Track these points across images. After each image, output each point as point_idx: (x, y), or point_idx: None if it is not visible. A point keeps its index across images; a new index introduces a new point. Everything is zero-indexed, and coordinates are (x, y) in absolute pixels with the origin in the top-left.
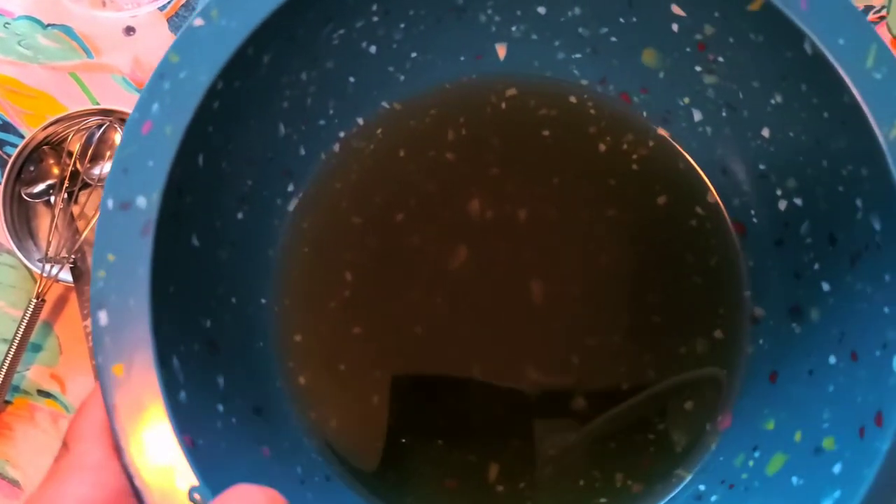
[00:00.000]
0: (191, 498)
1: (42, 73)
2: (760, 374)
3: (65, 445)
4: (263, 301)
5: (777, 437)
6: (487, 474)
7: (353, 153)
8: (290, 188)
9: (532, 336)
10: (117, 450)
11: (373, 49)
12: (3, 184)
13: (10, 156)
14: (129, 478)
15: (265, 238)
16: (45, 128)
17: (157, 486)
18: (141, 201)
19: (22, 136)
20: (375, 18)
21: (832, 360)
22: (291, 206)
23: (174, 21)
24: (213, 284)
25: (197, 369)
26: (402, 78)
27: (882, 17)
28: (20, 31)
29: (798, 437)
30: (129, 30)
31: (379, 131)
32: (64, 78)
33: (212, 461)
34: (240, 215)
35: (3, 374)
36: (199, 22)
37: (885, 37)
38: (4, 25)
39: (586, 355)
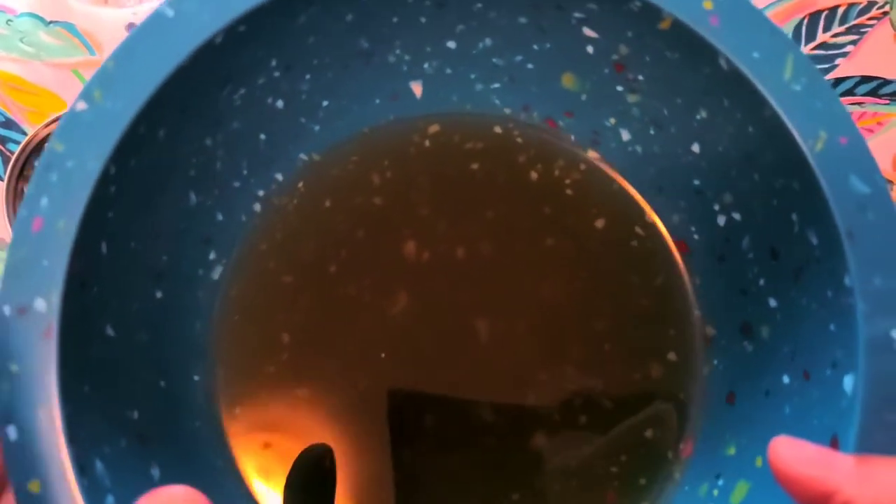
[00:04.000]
0: None
1: (45, 70)
2: (718, 395)
3: None
4: (196, 378)
5: (739, 463)
6: None
7: (276, 211)
8: (212, 256)
9: (482, 377)
10: None
11: (280, 104)
12: (5, 181)
13: (13, 153)
14: None
15: (190, 312)
16: (48, 125)
17: None
18: (39, 304)
19: (25, 133)
20: (277, 74)
21: (786, 379)
22: (216, 275)
23: None
24: (136, 372)
25: (126, 467)
26: (317, 128)
27: (885, 13)
28: (22, 28)
29: (759, 462)
30: (132, 26)
31: (300, 185)
32: (67, 75)
33: None
34: (158, 294)
35: None
36: (81, 106)
37: (888, 32)
38: (7, 22)
39: (540, 391)
